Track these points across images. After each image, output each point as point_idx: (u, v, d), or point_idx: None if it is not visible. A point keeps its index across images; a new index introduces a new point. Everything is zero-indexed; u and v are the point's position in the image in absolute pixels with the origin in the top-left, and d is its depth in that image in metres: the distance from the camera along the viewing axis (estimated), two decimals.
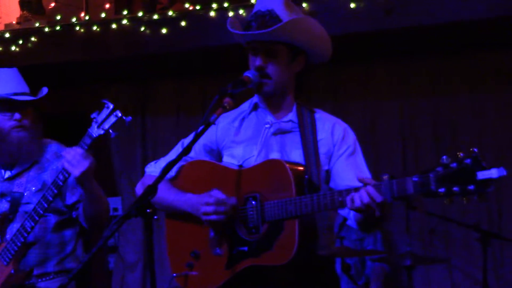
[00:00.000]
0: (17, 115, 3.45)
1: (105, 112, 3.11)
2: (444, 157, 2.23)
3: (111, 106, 3.11)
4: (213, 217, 2.65)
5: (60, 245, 3.47)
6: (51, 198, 3.24)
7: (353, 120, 6.20)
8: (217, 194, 2.68)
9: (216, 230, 2.71)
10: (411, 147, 6.22)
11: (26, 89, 3.56)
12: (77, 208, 3.45)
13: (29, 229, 3.29)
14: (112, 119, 3.10)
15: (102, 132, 3.11)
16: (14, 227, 3.39)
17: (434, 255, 5.89)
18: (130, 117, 3.08)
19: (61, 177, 3.21)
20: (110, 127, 3.10)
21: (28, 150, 3.47)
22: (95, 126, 3.12)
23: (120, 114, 3.09)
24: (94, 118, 3.14)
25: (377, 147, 6.28)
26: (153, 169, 2.95)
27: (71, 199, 3.45)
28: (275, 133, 2.80)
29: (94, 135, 3.13)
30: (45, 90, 3.57)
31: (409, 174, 2.32)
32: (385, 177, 2.36)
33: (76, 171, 3.13)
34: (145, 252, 2.32)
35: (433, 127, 6.18)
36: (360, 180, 2.42)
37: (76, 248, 3.52)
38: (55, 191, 3.22)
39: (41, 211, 3.26)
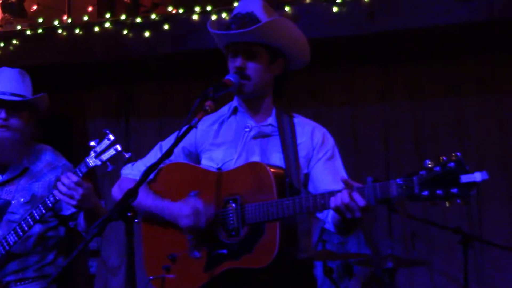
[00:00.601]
0: (2, 114, 3.36)
1: (105, 143, 3.06)
2: (427, 160, 2.26)
3: (112, 138, 3.06)
4: (194, 228, 2.67)
5: (42, 253, 3.42)
6: (38, 218, 3.19)
7: (336, 124, 6.32)
8: (195, 202, 2.68)
9: (194, 233, 2.72)
10: (393, 150, 6.26)
11: (23, 91, 3.44)
12: (75, 218, 3.41)
13: (11, 243, 3.25)
14: (111, 152, 3.05)
15: (99, 163, 3.06)
16: None
17: (416, 257, 5.92)
18: (130, 153, 3.04)
19: (51, 199, 3.16)
20: (108, 160, 3.05)
21: (11, 152, 3.38)
22: (93, 156, 3.07)
23: (120, 149, 3.05)
24: (94, 147, 3.08)
25: (360, 151, 6.31)
26: (130, 171, 2.95)
27: (69, 210, 3.39)
28: (255, 137, 2.81)
29: (90, 165, 3.07)
30: (42, 95, 3.50)
31: (392, 178, 2.34)
32: (369, 180, 2.38)
33: (72, 202, 3.08)
34: (128, 256, 2.29)
35: (415, 131, 6.22)
36: (343, 182, 2.44)
37: (57, 257, 3.46)
38: (43, 211, 3.18)
39: (26, 228, 3.21)
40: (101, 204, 3.34)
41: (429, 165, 2.25)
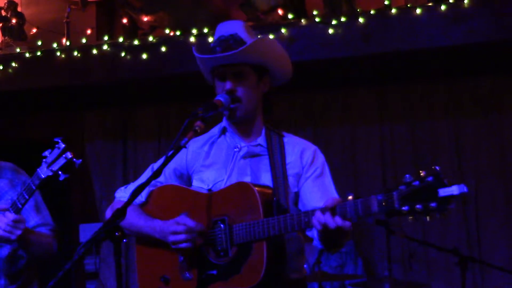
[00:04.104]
0: None
1: (55, 152, 3.00)
2: (407, 175, 2.27)
3: (62, 146, 3.00)
4: (183, 245, 2.66)
5: (12, 277, 3.37)
6: None
7: (334, 145, 6.33)
8: (185, 220, 2.66)
9: (185, 255, 2.71)
10: (391, 171, 6.25)
11: None
12: None
13: None
14: (62, 161, 2.99)
15: (50, 173, 3.01)
16: None
17: (414, 279, 5.89)
18: (80, 160, 2.99)
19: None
20: (59, 169, 2.99)
21: None
22: (45, 167, 3.02)
23: (70, 156, 2.97)
24: (46, 157, 3.04)
25: (357, 171, 6.31)
26: (123, 194, 2.95)
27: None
28: (244, 157, 2.82)
29: (42, 176, 3.03)
30: None
31: None
32: (350, 197, 2.38)
33: (12, 237, 3.10)
34: (117, 276, 2.29)
35: (413, 152, 6.22)
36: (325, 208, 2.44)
37: (30, 280, 3.43)
38: None
39: None
40: (43, 239, 3.34)
41: (409, 180, 2.26)
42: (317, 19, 5.52)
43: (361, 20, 5.43)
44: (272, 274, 2.54)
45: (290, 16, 5.70)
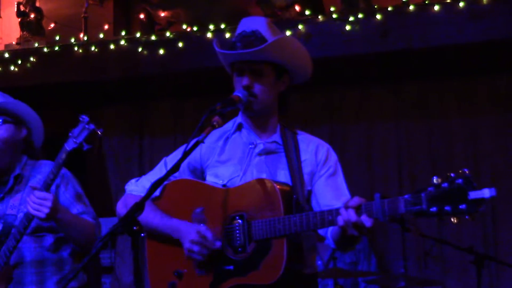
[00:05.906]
0: None
1: (80, 126, 3.16)
2: (435, 177, 2.27)
3: (86, 120, 3.15)
4: (196, 256, 2.65)
5: (57, 264, 3.43)
6: (22, 230, 3.25)
7: (350, 142, 6.33)
8: (204, 231, 2.65)
9: (196, 263, 2.70)
10: (407, 169, 6.24)
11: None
12: None
13: (11, 249, 3.29)
14: (85, 132, 3.14)
15: (75, 145, 3.14)
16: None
17: (430, 277, 5.87)
18: (101, 129, 3.15)
19: (25, 221, 3.23)
20: (84, 140, 3.14)
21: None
22: (71, 141, 3.17)
23: (92, 127, 3.13)
24: (73, 133, 3.18)
25: (373, 169, 6.30)
26: (135, 187, 2.94)
27: None
28: (260, 154, 2.82)
29: (68, 149, 3.17)
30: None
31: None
32: (377, 196, 2.38)
33: (40, 214, 3.16)
34: (134, 270, 2.29)
35: (429, 150, 6.20)
36: (348, 207, 2.43)
37: (75, 269, 3.41)
38: (26, 223, 3.25)
39: (22, 230, 3.26)
40: (84, 221, 3.40)
41: (437, 182, 2.26)
42: (334, 16, 5.51)
43: (378, 16, 5.41)
44: (290, 271, 2.54)
45: (307, 12, 5.70)
